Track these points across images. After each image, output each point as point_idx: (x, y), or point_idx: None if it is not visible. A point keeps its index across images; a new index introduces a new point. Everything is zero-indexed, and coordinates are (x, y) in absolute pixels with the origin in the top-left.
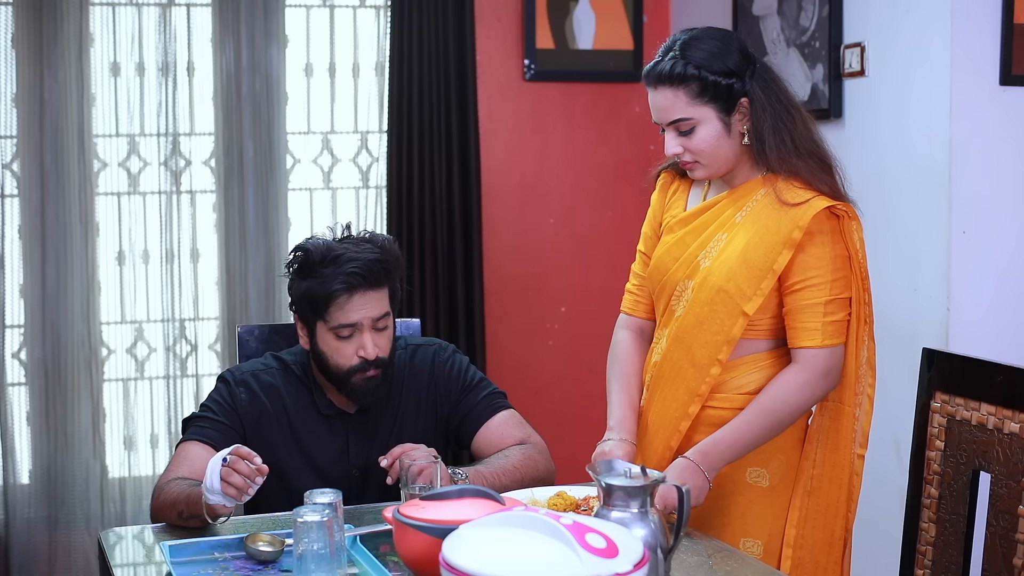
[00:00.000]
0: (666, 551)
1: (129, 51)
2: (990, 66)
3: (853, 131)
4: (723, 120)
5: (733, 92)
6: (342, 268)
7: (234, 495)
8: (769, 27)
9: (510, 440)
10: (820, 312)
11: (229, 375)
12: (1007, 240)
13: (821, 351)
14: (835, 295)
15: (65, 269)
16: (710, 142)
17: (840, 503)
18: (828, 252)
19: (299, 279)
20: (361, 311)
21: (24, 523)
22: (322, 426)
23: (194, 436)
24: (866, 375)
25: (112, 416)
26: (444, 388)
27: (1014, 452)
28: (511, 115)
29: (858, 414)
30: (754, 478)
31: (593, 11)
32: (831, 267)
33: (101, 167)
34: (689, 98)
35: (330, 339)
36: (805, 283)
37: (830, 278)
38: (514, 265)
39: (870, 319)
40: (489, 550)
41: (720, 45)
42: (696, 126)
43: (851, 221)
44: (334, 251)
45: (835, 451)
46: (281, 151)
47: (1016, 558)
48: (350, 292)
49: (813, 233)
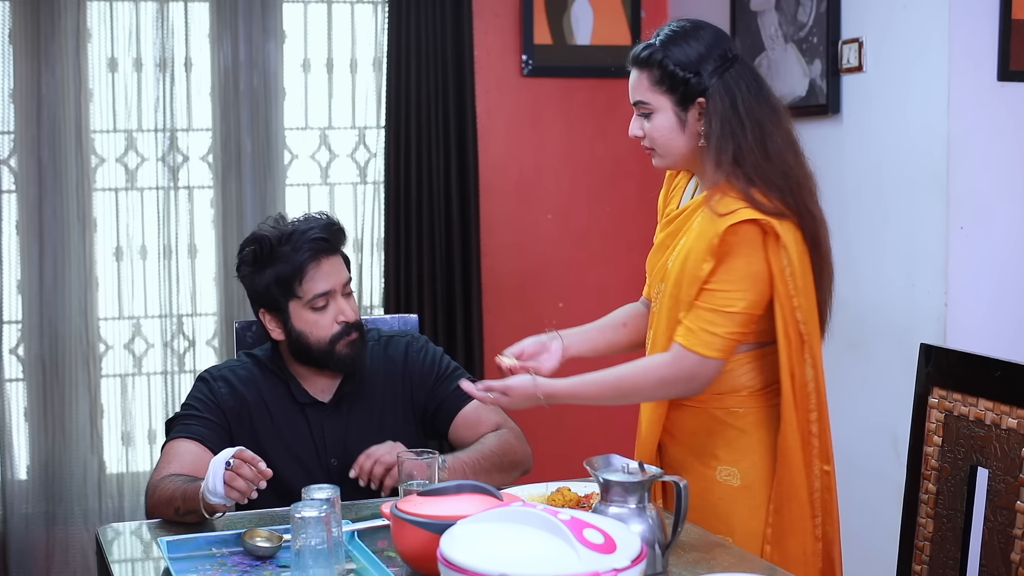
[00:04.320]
0: (664, 546)
1: (127, 47)
2: (988, 62)
3: (851, 127)
4: (677, 114)
5: (690, 87)
6: (303, 238)
7: (237, 498)
8: (767, 22)
9: (486, 426)
10: (704, 318)
11: (207, 374)
12: (1005, 235)
13: (692, 355)
14: (724, 308)
15: (63, 265)
16: (663, 132)
17: (805, 521)
18: (741, 265)
19: (259, 270)
20: (331, 277)
21: (22, 519)
22: (298, 416)
23: (181, 434)
24: (812, 395)
25: (110, 412)
26: (419, 377)
27: (1012, 447)
28: (509, 111)
29: (814, 430)
30: (724, 476)
31: (591, 6)
32: (737, 281)
33: (99, 163)
34: (650, 83)
35: (307, 315)
36: (708, 286)
37: (729, 288)
38: (511, 261)
39: (812, 339)
40: (487, 546)
41: (694, 39)
42: (653, 112)
43: (775, 240)
44: (286, 230)
45: (788, 470)
46: (279, 147)
47: (1014, 553)
48: (317, 260)
49: (732, 244)
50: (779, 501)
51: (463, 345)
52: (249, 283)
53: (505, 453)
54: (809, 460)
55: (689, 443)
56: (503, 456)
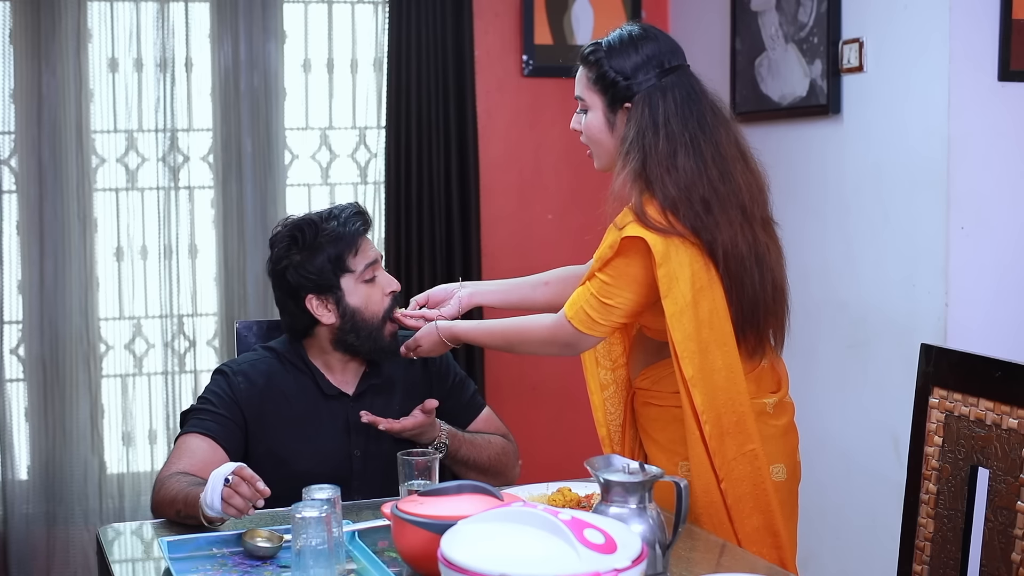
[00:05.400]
0: (664, 546)
1: (127, 47)
2: (988, 62)
3: (851, 127)
4: (607, 115)
5: (618, 90)
6: (344, 215)
7: (234, 515)
8: (767, 23)
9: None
10: (588, 301)
11: (226, 367)
12: (1005, 236)
13: (570, 327)
14: (604, 298)
15: (63, 265)
16: (594, 129)
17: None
18: (622, 266)
19: (311, 252)
20: (372, 251)
21: (22, 519)
22: (323, 409)
23: (194, 429)
24: (770, 384)
25: (110, 412)
26: (436, 376)
27: (1012, 448)
28: (509, 110)
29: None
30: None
31: (591, 6)
32: (616, 275)
33: (99, 163)
34: (588, 81)
35: (361, 289)
36: (599, 274)
37: (610, 283)
38: (512, 260)
39: (685, 358)
40: (487, 546)
41: (637, 46)
42: (588, 109)
43: (655, 260)
44: (323, 212)
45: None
46: (279, 147)
47: (1014, 553)
48: (364, 231)
49: (619, 251)
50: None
51: (464, 346)
52: (298, 271)
53: (501, 460)
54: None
55: (659, 439)
56: (498, 461)
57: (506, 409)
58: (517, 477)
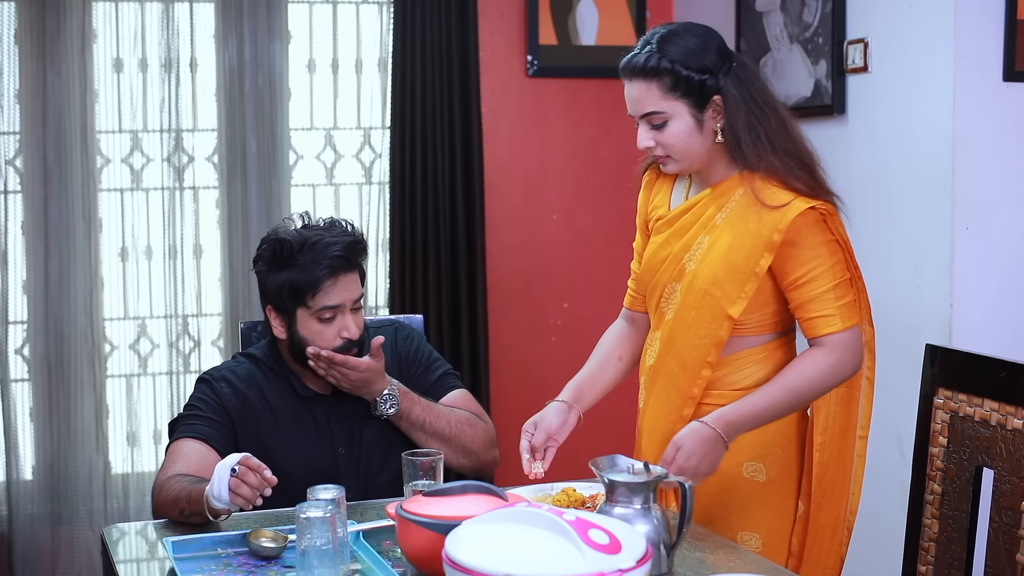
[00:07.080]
0: (669, 547)
1: (132, 47)
2: (993, 62)
3: (856, 127)
4: (695, 116)
5: (706, 88)
6: (324, 253)
7: (242, 504)
8: (772, 23)
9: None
10: (832, 298)
11: (208, 375)
12: (1010, 236)
13: (844, 334)
14: (839, 279)
15: (68, 265)
16: (681, 137)
17: (845, 484)
18: (820, 240)
19: (275, 270)
20: (344, 293)
21: (27, 519)
22: (302, 410)
23: (186, 434)
24: (865, 358)
25: (115, 412)
26: (407, 365)
27: (1017, 448)
28: (514, 111)
29: (859, 396)
30: (751, 472)
31: (596, 7)
32: (827, 253)
33: (104, 163)
34: (662, 92)
35: (312, 323)
36: (808, 275)
37: (830, 263)
38: (517, 261)
39: (866, 305)
40: (492, 546)
41: (697, 41)
42: (668, 120)
43: (832, 218)
44: (310, 238)
45: (843, 435)
46: (284, 147)
47: (1019, 554)
48: (335, 276)
49: (799, 229)
50: (823, 468)
51: (468, 345)
52: (262, 280)
53: (465, 432)
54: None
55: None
56: (461, 431)
57: (511, 410)
58: (494, 462)
